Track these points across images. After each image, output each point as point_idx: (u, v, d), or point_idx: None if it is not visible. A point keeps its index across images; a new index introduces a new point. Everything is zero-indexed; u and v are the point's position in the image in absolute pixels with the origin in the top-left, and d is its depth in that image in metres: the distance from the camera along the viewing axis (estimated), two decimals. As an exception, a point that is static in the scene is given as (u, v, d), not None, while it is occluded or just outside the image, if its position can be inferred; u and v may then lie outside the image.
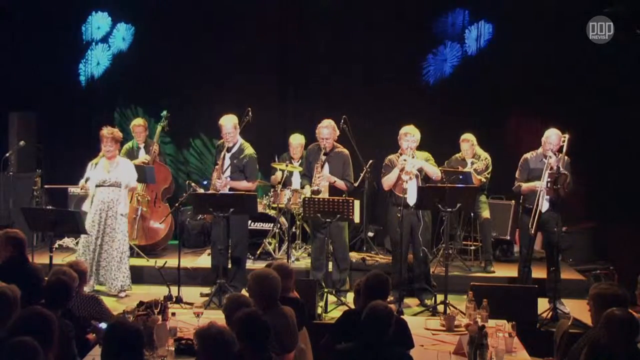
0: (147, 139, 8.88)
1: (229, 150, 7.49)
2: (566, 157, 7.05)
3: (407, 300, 7.28)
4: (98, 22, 10.15)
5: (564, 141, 7.03)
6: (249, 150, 7.56)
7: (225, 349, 3.60)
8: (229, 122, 7.44)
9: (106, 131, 7.34)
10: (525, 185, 7.17)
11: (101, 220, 7.27)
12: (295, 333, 4.62)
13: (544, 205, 7.04)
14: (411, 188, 7.06)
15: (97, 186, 7.32)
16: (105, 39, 10.17)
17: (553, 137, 7.02)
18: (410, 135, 7.16)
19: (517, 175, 7.30)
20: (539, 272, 7.49)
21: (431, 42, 9.79)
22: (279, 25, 9.93)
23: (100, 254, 7.28)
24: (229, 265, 7.45)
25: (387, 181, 7.23)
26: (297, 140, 8.61)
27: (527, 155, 7.29)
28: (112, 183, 7.31)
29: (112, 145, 7.29)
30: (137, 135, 8.78)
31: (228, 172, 7.48)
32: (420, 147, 7.31)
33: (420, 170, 7.17)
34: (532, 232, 7.03)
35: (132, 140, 8.79)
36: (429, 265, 7.53)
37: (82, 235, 7.23)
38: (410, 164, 7.07)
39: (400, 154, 7.22)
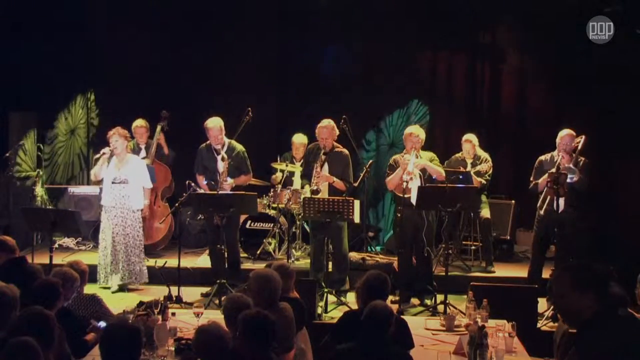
0: (148, 139, 8.88)
1: (218, 153, 7.63)
2: (582, 158, 7.05)
3: (407, 300, 7.28)
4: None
5: (578, 142, 7.04)
6: (239, 146, 7.75)
7: (219, 343, 3.71)
8: (216, 125, 7.52)
9: (112, 131, 7.53)
10: (541, 179, 7.06)
11: (116, 217, 7.51)
12: (293, 330, 4.62)
13: (560, 205, 6.97)
14: (414, 188, 7.01)
15: (112, 183, 7.55)
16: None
17: (566, 137, 7.03)
18: (414, 135, 7.14)
19: (531, 178, 7.27)
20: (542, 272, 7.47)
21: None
22: (279, 24, 9.93)
23: (117, 249, 7.51)
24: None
25: (391, 181, 7.20)
26: (299, 140, 8.62)
27: (542, 157, 7.27)
28: (122, 180, 7.53)
29: (117, 140, 7.41)
30: (138, 136, 8.79)
31: (225, 173, 7.57)
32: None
33: (423, 170, 7.15)
34: (542, 212, 7.00)
35: (132, 141, 8.77)
36: (432, 265, 7.50)
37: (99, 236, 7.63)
38: (412, 163, 7.05)
39: (405, 154, 7.21)
